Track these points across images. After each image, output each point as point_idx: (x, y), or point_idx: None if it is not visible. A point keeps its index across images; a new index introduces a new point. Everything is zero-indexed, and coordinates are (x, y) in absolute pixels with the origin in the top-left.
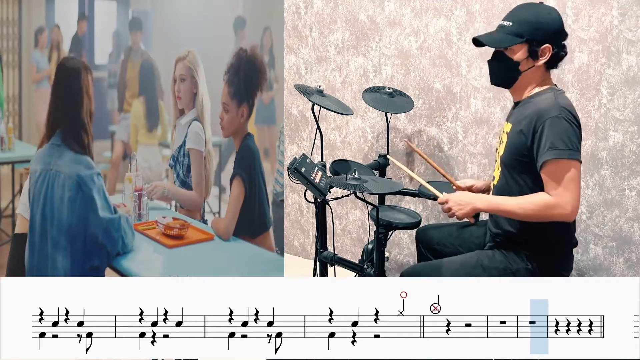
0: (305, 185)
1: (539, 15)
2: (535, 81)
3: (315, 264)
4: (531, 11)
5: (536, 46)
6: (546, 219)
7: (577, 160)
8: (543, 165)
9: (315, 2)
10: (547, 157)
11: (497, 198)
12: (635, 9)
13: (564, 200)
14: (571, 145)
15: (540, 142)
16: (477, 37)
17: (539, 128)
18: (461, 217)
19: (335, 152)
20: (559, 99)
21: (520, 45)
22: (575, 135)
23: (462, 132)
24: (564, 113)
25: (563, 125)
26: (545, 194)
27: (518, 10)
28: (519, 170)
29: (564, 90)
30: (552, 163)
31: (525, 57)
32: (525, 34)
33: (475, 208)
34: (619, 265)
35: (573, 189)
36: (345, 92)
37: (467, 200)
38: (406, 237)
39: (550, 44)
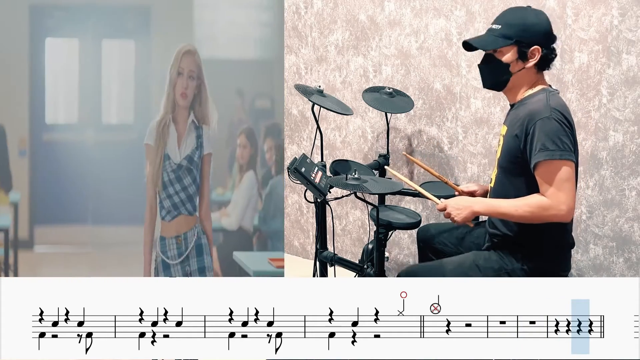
0: (305, 185)
1: (527, 18)
2: (527, 83)
3: (315, 264)
4: (519, 14)
5: (525, 48)
6: (542, 220)
7: (569, 160)
8: (535, 167)
9: (315, 2)
10: (539, 158)
11: (494, 201)
12: (635, 9)
13: (558, 200)
14: (562, 146)
15: (532, 144)
16: (467, 40)
17: (530, 130)
18: (461, 222)
19: (335, 152)
20: (550, 100)
21: (509, 47)
22: (566, 136)
23: (462, 132)
24: (555, 114)
25: (553, 125)
26: (540, 196)
27: (506, 13)
28: (514, 172)
29: (562, 90)
30: (544, 164)
31: (514, 58)
32: (514, 36)
33: (474, 211)
34: (619, 265)
35: (567, 189)
36: (345, 92)
37: (465, 205)
38: (406, 237)
39: (539, 45)
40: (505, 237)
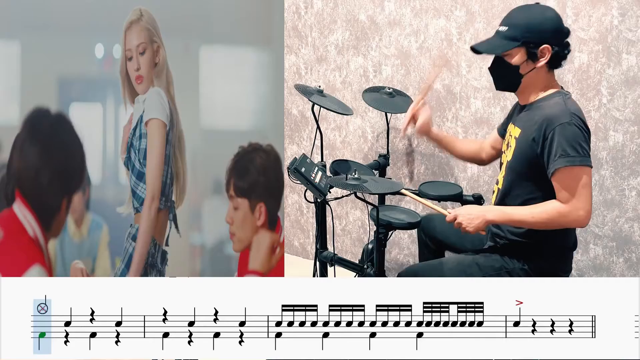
0: (305, 185)
1: (532, 17)
2: (539, 83)
3: (315, 264)
4: (525, 13)
5: (534, 48)
6: (560, 227)
7: (588, 167)
8: (554, 173)
9: (315, 2)
10: (559, 164)
11: (508, 208)
12: (635, 9)
13: (577, 207)
14: (582, 152)
15: (550, 149)
16: (474, 46)
17: (549, 135)
18: (473, 231)
19: (335, 152)
20: (568, 104)
21: (517, 49)
22: (585, 141)
23: (462, 132)
24: (574, 119)
25: (574, 131)
26: (557, 202)
27: (512, 13)
28: (527, 176)
29: (570, 92)
30: (564, 170)
31: (524, 60)
32: (521, 37)
33: (487, 220)
34: (619, 265)
35: (586, 195)
36: (345, 92)
37: (477, 214)
38: (406, 237)
39: (548, 43)
40: (507, 236)
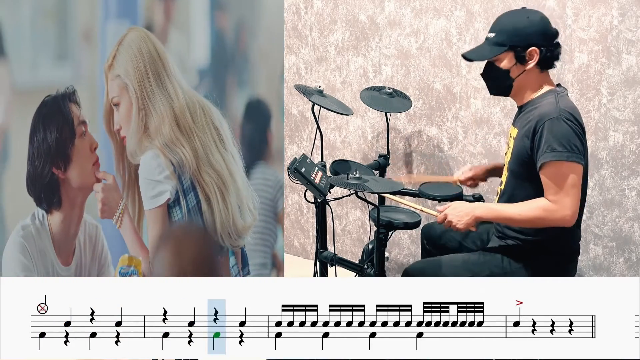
0: (305, 185)
1: (517, 22)
2: (531, 84)
3: (315, 264)
4: (510, 19)
5: (521, 51)
6: (546, 225)
7: (577, 163)
8: (541, 168)
9: (315, 2)
10: (545, 159)
11: (496, 205)
12: (635, 9)
13: (564, 206)
14: (570, 147)
15: (539, 145)
16: (465, 54)
17: (538, 130)
18: (463, 229)
19: (335, 152)
20: (560, 102)
21: (505, 54)
22: (575, 138)
23: (462, 132)
24: (564, 114)
25: (562, 126)
26: (544, 199)
27: (500, 19)
28: (524, 176)
29: (567, 89)
30: (551, 165)
31: (513, 63)
32: (507, 42)
33: (476, 216)
34: (619, 265)
35: (572, 193)
36: (345, 92)
37: (466, 211)
38: (406, 237)
39: (535, 46)
40: (512, 236)
